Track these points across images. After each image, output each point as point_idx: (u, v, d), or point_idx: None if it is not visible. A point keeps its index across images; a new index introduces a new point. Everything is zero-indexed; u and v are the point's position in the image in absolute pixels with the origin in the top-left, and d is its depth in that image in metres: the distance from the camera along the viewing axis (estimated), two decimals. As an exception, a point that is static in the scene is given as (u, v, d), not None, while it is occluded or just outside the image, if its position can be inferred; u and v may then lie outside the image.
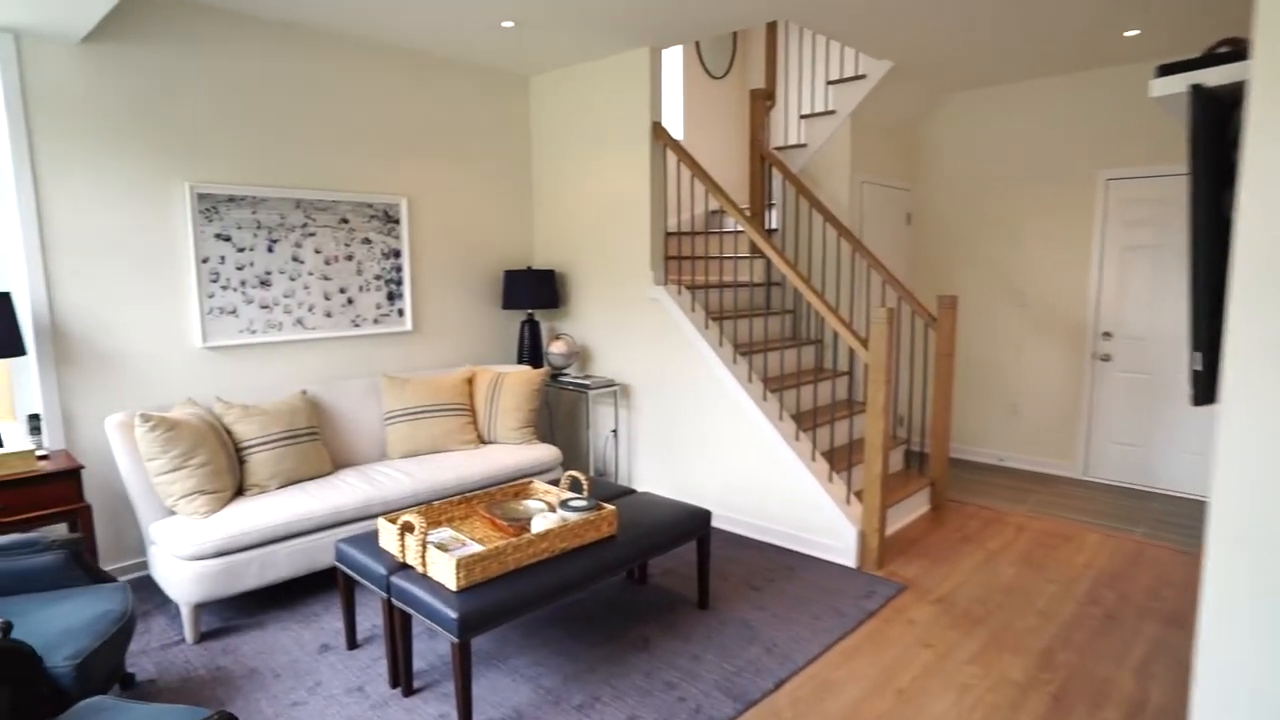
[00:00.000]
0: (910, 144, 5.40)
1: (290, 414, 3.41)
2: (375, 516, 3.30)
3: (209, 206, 3.49)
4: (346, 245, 3.98)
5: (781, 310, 4.76)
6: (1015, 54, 4.26)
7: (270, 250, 3.70)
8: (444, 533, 2.67)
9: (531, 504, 2.89)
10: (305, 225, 3.81)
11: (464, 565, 2.26)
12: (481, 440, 4.09)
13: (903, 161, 5.33)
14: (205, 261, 3.50)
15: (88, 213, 3.17)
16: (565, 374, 4.62)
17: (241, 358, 3.66)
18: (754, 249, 4.69)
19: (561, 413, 4.88)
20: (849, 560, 3.55)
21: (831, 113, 4.66)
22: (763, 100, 4.82)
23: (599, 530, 2.68)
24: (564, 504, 2.72)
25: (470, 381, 4.17)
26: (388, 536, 2.56)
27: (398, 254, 4.20)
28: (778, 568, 3.53)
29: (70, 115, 3.10)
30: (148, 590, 3.28)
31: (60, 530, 3.16)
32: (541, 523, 2.59)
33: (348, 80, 3.91)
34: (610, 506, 2.74)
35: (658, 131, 4.15)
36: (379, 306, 4.15)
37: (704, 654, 2.75)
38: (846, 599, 3.20)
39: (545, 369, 4.25)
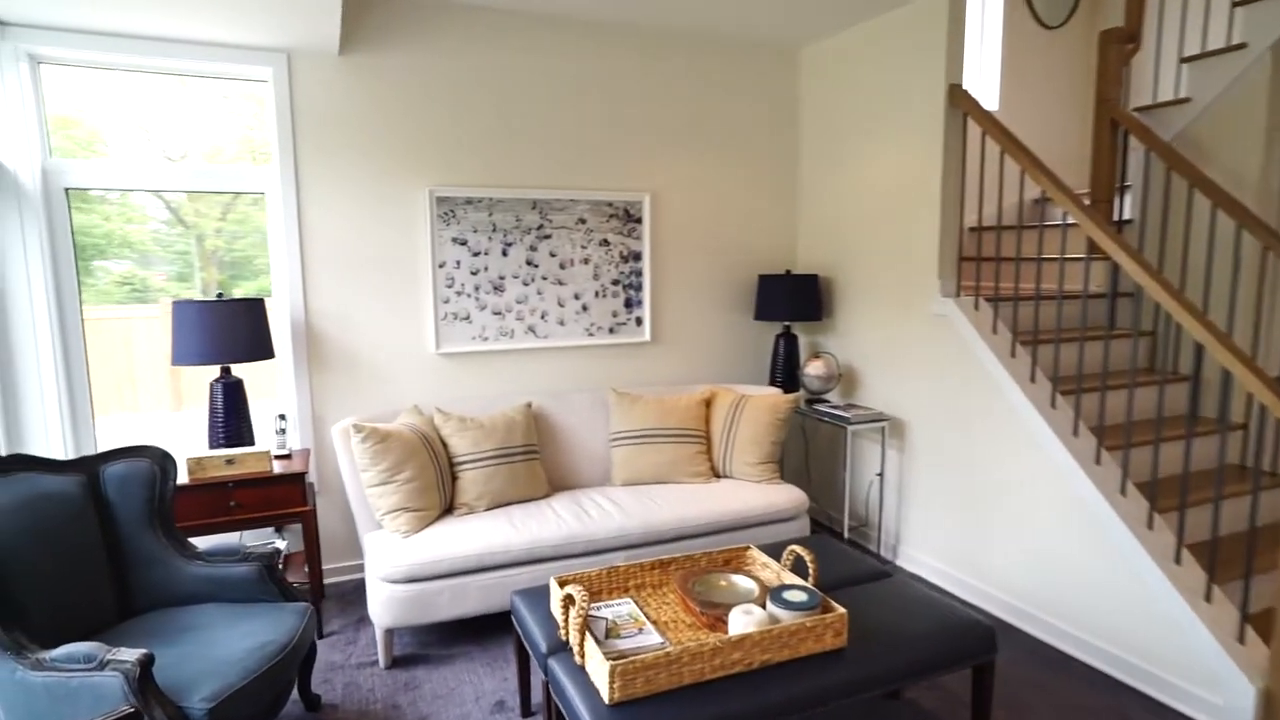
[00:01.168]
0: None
1: (506, 429, 3.18)
2: (576, 556, 2.92)
3: (447, 210, 3.40)
4: (583, 247, 3.69)
5: (1134, 332, 3.42)
6: None
7: (505, 254, 3.53)
8: (623, 606, 2.14)
9: (740, 581, 2.24)
10: (541, 227, 3.59)
11: (621, 674, 1.71)
12: (715, 473, 3.52)
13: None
14: (441, 266, 3.43)
15: (339, 220, 3.25)
16: (823, 401, 3.85)
17: (472, 365, 3.55)
18: (1092, 248, 3.43)
19: (816, 447, 4.11)
20: (1236, 728, 2.30)
21: (1239, 47, 3.19)
22: (1120, 45, 3.51)
23: (820, 640, 1.94)
24: (777, 594, 2.03)
25: (708, 403, 3.62)
26: (555, 601, 2.12)
27: (638, 256, 3.80)
28: (1106, 713, 2.41)
29: (327, 127, 3.18)
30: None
31: (298, 529, 3.29)
32: (741, 622, 1.93)
33: (589, 71, 3.60)
34: (839, 609, 1.98)
35: (956, 96, 3.18)
36: (615, 314, 3.80)
37: None
38: (1231, 801, 2.02)
39: (798, 394, 3.54)
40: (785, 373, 3.96)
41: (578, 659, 1.89)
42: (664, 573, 2.33)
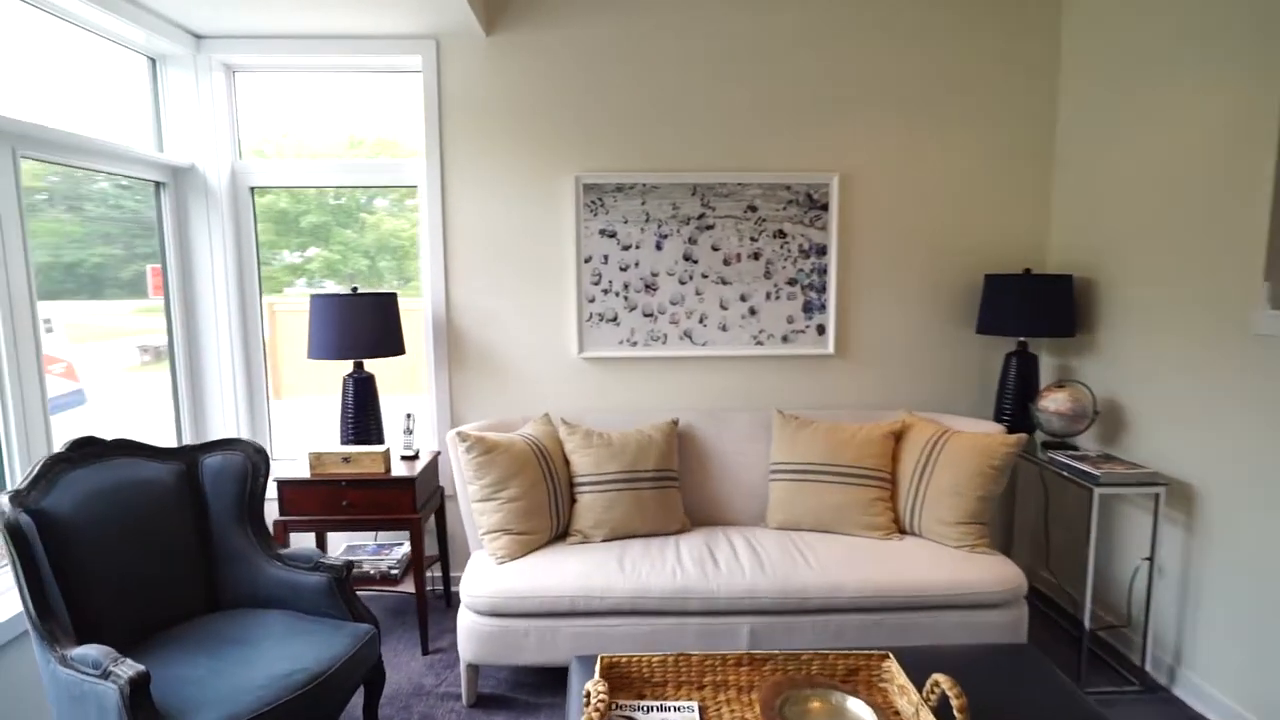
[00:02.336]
0: None
1: (638, 450, 2.75)
2: (689, 615, 2.39)
3: (595, 199, 3.06)
4: (753, 240, 3.11)
5: None
6: None
7: (659, 247, 3.10)
8: (680, 713, 1.59)
9: (854, 710, 1.55)
10: (702, 216, 3.09)
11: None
12: (898, 527, 2.74)
13: None
14: (587, 261, 3.09)
15: (482, 212, 3.07)
16: (1068, 447, 2.83)
17: (617, 373, 3.17)
18: None
19: (1062, 508, 3.06)
20: None
21: None
22: None
23: None
24: (888, 751, 1.34)
25: (898, 437, 2.84)
26: (575, 688, 1.64)
27: (822, 250, 3.12)
28: None
29: (473, 114, 3.01)
30: (499, 611, 3.07)
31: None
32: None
33: (762, 27, 3.01)
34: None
35: (1311, -2, 2.05)
36: (791, 320, 3.16)
37: None
38: None
39: (1025, 435, 2.62)
40: (1016, 404, 2.99)
41: (581, 786, 1.40)
42: (754, 672, 1.72)
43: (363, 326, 2.78)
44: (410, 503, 2.70)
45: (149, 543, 2.09)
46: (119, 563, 2.00)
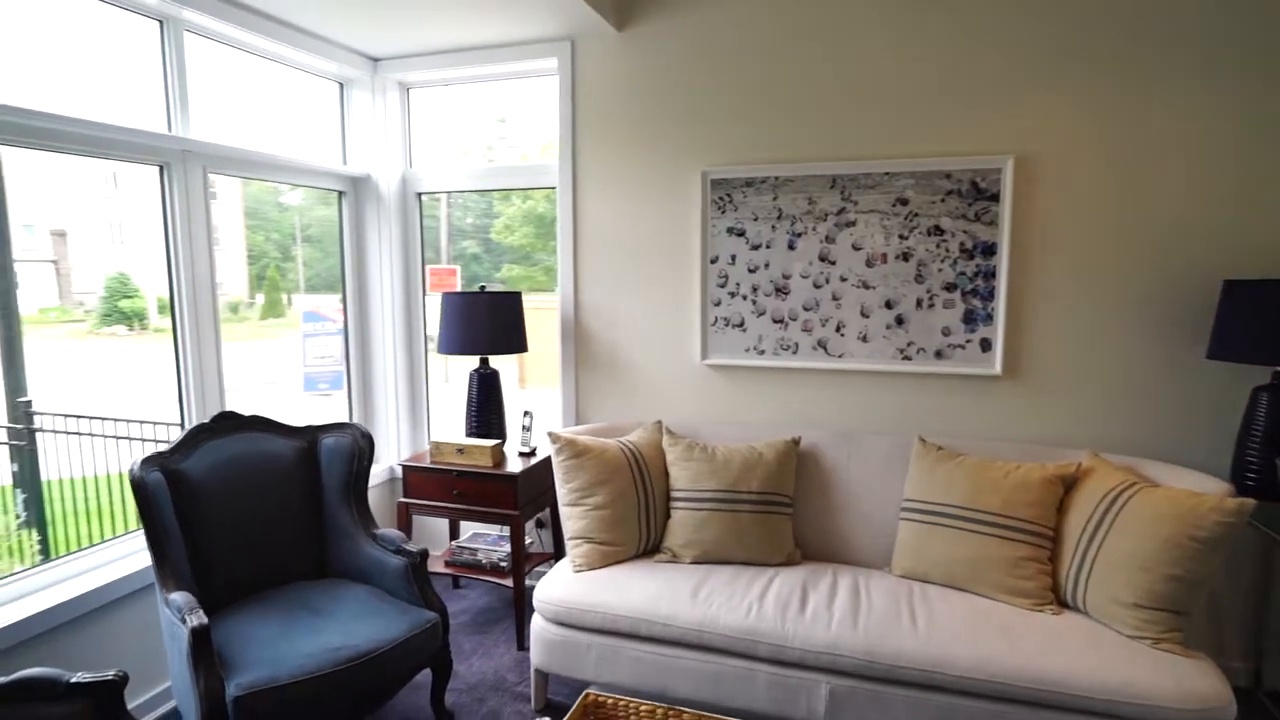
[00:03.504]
0: None
1: (742, 468, 2.51)
2: (758, 660, 2.11)
3: (723, 195, 2.85)
4: (902, 238, 2.68)
5: None
6: None
7: (791, 247, 2.80)
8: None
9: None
10: (842, 211, 2.73)
11: None
12: (1056, 599, 2.18)
13: None
14: (714, 261, 2.90)
15: (609, 210, 3.02)
16: (1340, 520, 2.02)
17: (743, 382, 2.93)
18: None
19: (1344, 598, 2.19)
20: None
21: None
22: None
23: None
24: None
25: (1071, 483, 2.27)
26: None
27: (989, 250, 2.59)
28: None
29: (603, 111, 2.98)
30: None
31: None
32: None
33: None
34: None
35: None
36: (947, 332, 2.67)
37: None
38: None
39: (1249, 501, 1.92)
40: (1264, 457, 2.21)
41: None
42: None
43: (488, 324, 2.88)
44: (512, 499, 2.74)
45: (267, 508, 2.35)
46: (239, 523, 2.28)
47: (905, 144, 2.65)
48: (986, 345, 2.63)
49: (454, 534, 3.27)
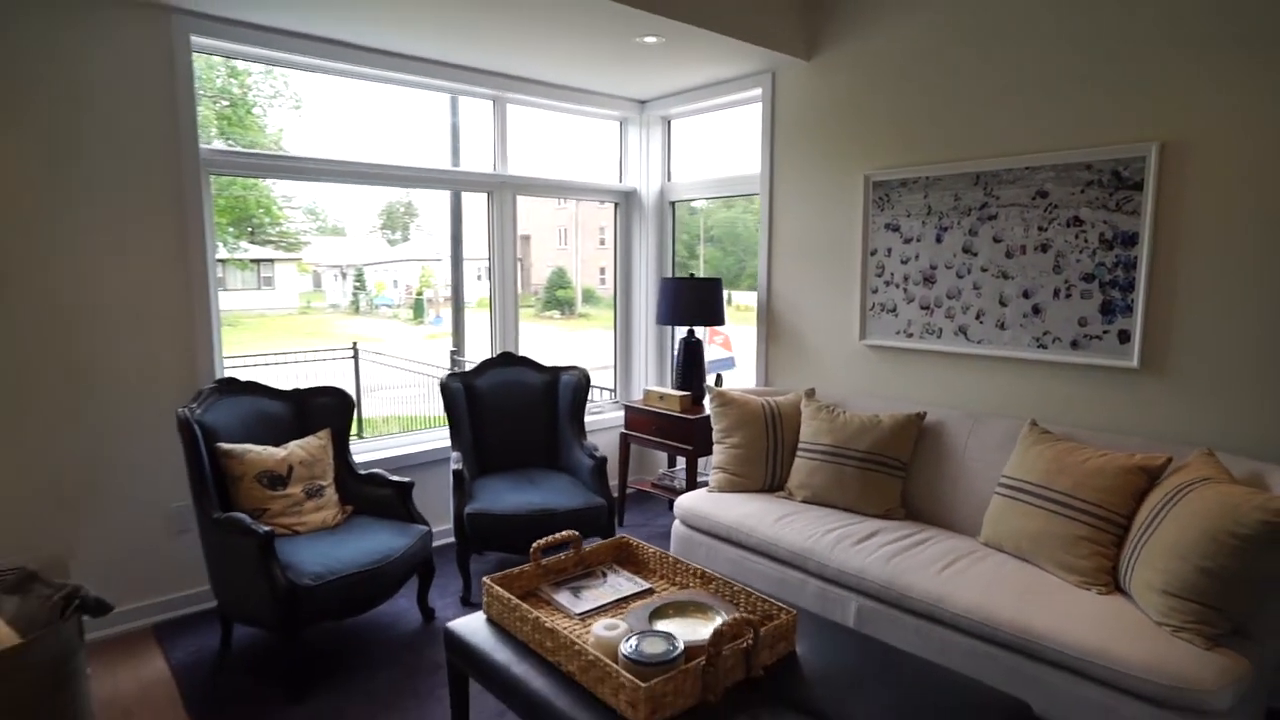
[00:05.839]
0: None
1: (858, 430, 2.95)
2: (809, 574, 2.60)
3: (881, 195, 3.22)
4: (1040, 230, 2.76)
5: None
6: None
7: (938, 240, 3.06)
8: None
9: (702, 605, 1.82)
10: (984, 206, 2.91)
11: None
12: (1111, 582, 2.22)
13: None
14: (873, 254, 3.29)
15: (794, 212, 3.59)
16: None
17: (894, 361, 3.26)
18: None
19: None
20: None
21: None
22: None
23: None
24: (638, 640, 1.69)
25: (1154, 474, 2.25)
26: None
27: (1130, 240, 2.55)
28: None
29: (791, 129, 3.55)
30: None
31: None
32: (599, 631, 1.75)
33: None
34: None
35: None
36: (1084, 323, 2.68)
37: None
38: None
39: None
40: None
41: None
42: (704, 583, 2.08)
43: (691, 302, 3.72)
44: (689, 437, 3.56)
45: (521, 416, 3.57)
46: (502, 422, 3.53)
47: (1047, 137, 2.73)
48: (1124, 337, 2.59)
49: (671, 464, 4.19)
